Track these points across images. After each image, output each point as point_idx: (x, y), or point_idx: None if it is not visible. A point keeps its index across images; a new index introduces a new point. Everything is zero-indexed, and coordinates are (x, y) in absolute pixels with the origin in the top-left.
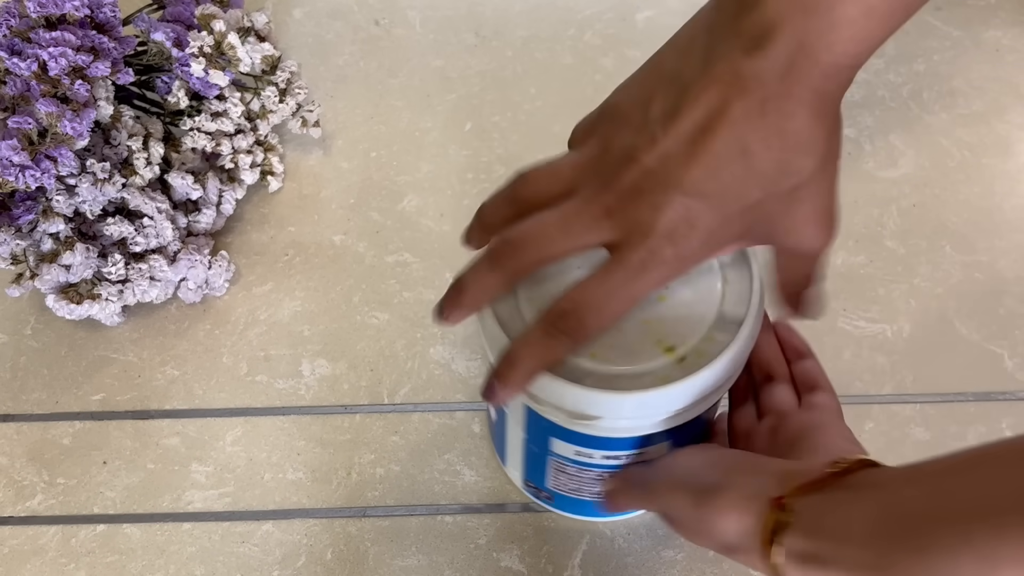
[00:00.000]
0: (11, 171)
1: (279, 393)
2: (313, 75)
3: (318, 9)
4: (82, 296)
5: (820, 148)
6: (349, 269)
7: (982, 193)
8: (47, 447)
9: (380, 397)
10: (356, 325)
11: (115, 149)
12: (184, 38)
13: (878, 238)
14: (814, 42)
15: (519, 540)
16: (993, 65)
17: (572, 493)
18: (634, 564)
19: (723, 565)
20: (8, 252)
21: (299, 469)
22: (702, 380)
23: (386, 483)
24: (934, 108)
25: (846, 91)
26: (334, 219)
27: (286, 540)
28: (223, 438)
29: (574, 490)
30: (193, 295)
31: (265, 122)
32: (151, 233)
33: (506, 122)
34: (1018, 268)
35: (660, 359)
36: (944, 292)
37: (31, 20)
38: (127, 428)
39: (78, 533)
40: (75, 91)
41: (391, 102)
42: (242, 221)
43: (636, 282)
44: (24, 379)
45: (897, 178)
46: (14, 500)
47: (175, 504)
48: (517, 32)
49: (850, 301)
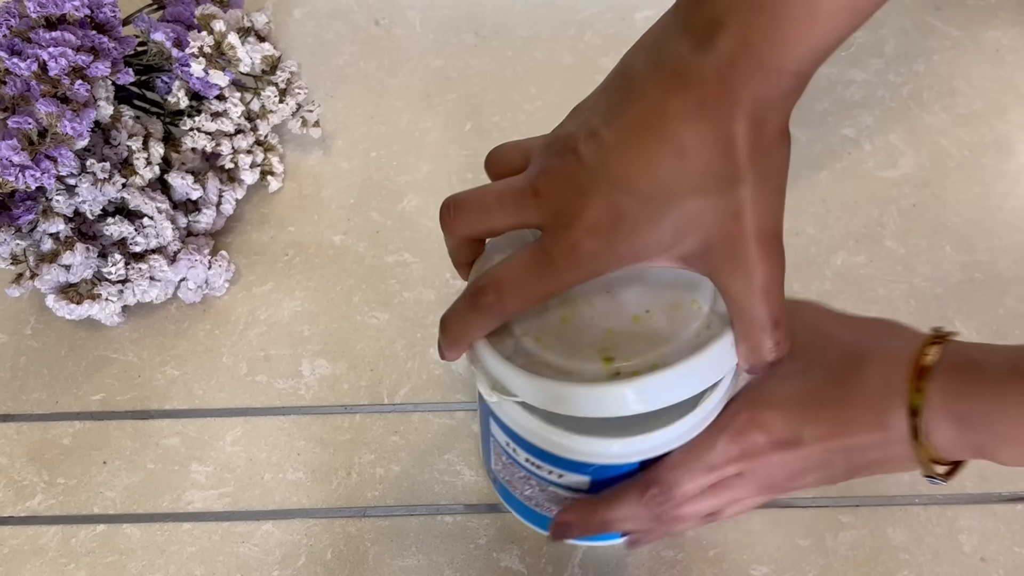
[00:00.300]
0: (11, 171)
1: (279, 393)
2: (313, 75)
3: (318, 9)
4: (82, 296)
5: (759, 159)
6: (349, 269)
7: (982, 193)
8: (47, 447)
9: (380, 397)
10: (356, 325)
11: (115, 149)
12: (184, 38)
13: (878, 238)
14: (757, 40)
15: (519, 540)
16: (993, 65)
17: (508, 486)
18: (634, 564)
19: (723, 565)
20: (8, 252)
21: (299, 469)
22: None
23: (386, 483)
24: (934, 108)
25: (792, 105)
26: (334, 219)
27: (286, 540)
28: (223, 438)
29: (508, 482)
30: (193, 295)
31: (265, 122)
32: (151, 233)
33: (506, 122)
34: (1018, 268)
35: (594, 365)
36: (944, 292)
37: (31, 20)
38: (127, 428)
39: (78, 533)
40: (75, 91)
41: (391, 102)
42: (242, 221)
43: (556, 274)
44: (24, 379)
45: (897, 178)
46: (14, 500)
47: (175, 504)
48: (517, 32)
49: (850, 301)
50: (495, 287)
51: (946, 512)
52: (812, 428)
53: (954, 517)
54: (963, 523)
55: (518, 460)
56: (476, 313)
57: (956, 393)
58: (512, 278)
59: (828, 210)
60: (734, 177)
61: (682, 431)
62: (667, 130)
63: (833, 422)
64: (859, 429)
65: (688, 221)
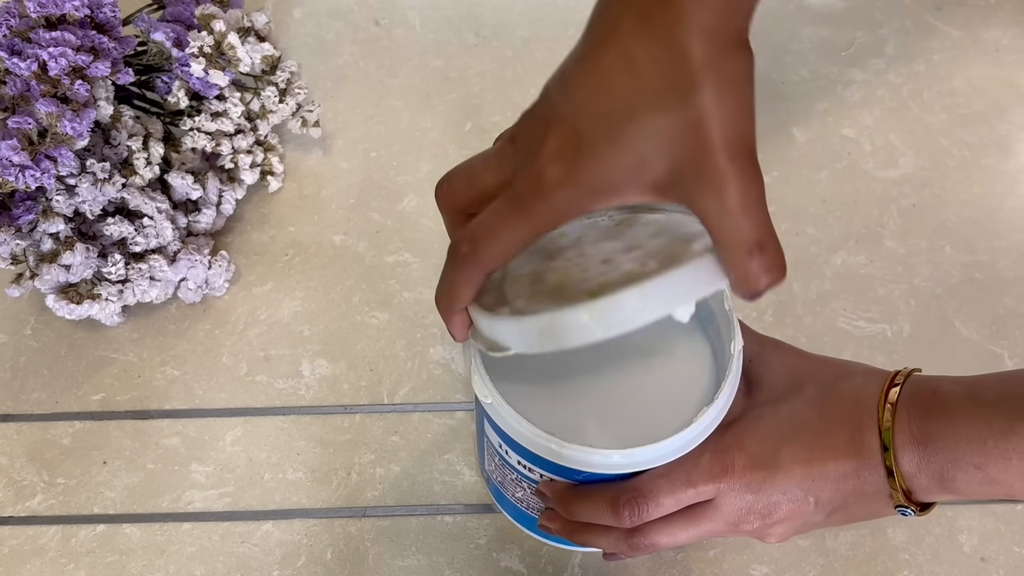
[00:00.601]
0: (11, 171)
1: (279, 393)
2: (313, 75)
3: (318, 9)
4: (82, 296)
5: (714, 67)
6: (349, 269)
7: (982, 193)
8: (47, 447)
9: (380, 397)
10: (356, 325)
11: (115, 149)
12: (184, 38)
13: (878, 238)
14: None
15: (519, 540)
16: (993, 65)
17: (501, 488)
18: (634, 564)
19: (723, 565)
20: (8, 252)
21: (299, 469)
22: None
23: (386, 483)
24: (934, 108)
25: (747, 14)
26: (334, 219)
27: (286, 540)
28: (223, 438)
29: (500, 483)
30: (193, 295)
31: (265, 122)
32: (151, 233)
33: (506, 122)
34: (1018, 268)
35: (580, 302)
36: (944, 292)
37: (31, 20)
38: (127, 428)
39: (78, 533)
40: (75, 91)
41: (391, 102)
42: (242, 221)
43: (526, 211)
44: (24, 379)
45: (897, 178)
46: (14, 500)
47: (175, 504)
48: (517, 32)
49: (850, 301)
50: (469, 237)
51: (946, 512)
52: (789, 450)
53: (954, 517)
54: (963, 523)
55: (510, 462)
56: (456, 270)
57: (917, 417)
58: (485, 224)
59: (828, 210)
60: (689, 85)
61: (674, 447)
62: (617, 49)
63: (809, 445)
64: (834, 454)
65: (651, 142)
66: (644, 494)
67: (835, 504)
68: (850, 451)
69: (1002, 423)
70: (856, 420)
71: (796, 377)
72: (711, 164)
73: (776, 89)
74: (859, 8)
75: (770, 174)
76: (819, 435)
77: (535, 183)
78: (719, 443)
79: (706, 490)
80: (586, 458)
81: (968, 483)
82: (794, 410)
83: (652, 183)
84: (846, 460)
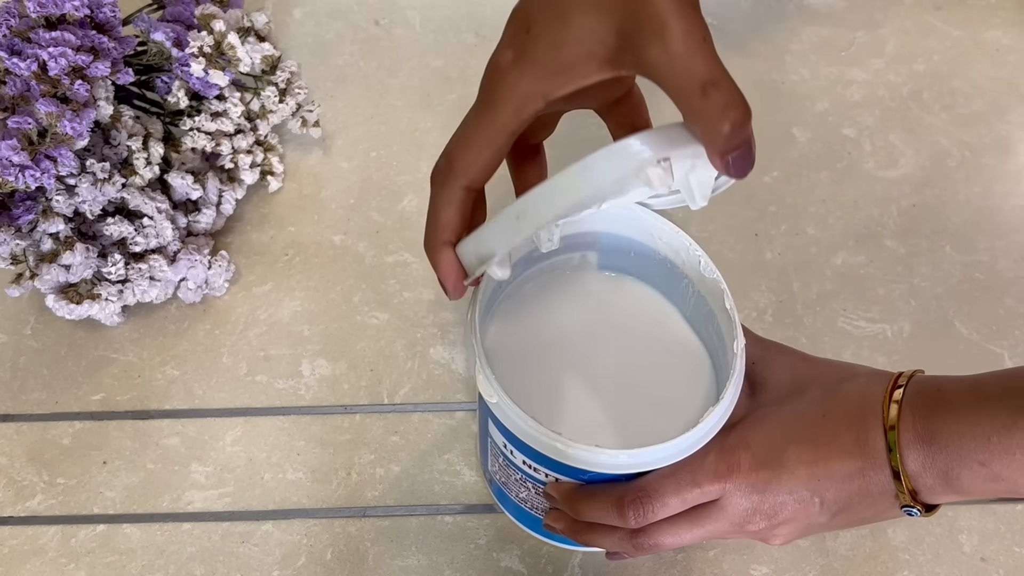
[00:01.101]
0: (11, 171)
1: (279, 393)
2: (313, 75)
3: (318, 9)
4: (82, 296)
5: None
6: (349, 269)
7: (982, 193)
8: (47, 447)
9: (380, 397)
10: (356, 325)
11: (115, 149)
12: (184, 38)
13: (878, 238)
14: None
15: (519, 540)
16: (993, 65)
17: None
18: (634, 565)
19: (723, 565)
20: (8, 252)
21: (299, 469)
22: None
23: (386, 483)
24: (934, 108)
25: None
26: (334, 219)
27: (286, 540)
28: (223, 438)
29: (504, 484)
30: (193, 295)
31: (265, 122)
32: (151, 233)
33: None
34: (1018, 268)
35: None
36: (944, 292)
37: (31, 20)
38: (127, 428)
39: (78, 533)
40: (75, 91)
41: (391, 102)
42: (242, 221)
43: (489, 103)
44: (24, 379)
45: (897, 178)
46: (14, 500)
47: (175, 504)
48: None
49: (850, 301)
50: (444, 155)
51: (946, 512)
52: (794, 450)
53: (954, 517)
54: (963, 523)
55: (515, 462)
56: (434, 192)
57: (921, 415)
58: (455, 135)
59: (828, 210)
60: None
61: (681, 447)
62: None
63: (815, 445)
64: (839, 454)
65: (595, 13)
66: (649, 494)
67: (840, 504)
68: (855, 451)
69: (1005, 419)
70: (861, 420)
71: (799, 379)
72: (650, 13)
73: (776, 89)
74: (859, 8)
75: (770, 174)
76: (824, 435)
77: (492, 71)
78: (724, 443)
79: (712, 490)
80: (593, 458)
81: (972, 480)
82: (799, 411)
83: (605, 55)
84: (851, 460)
